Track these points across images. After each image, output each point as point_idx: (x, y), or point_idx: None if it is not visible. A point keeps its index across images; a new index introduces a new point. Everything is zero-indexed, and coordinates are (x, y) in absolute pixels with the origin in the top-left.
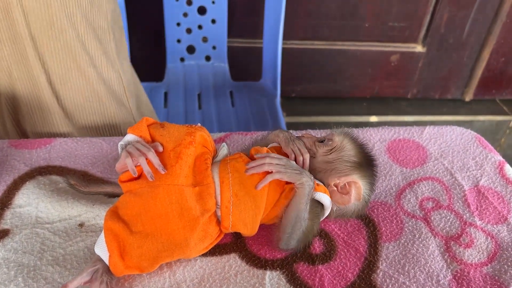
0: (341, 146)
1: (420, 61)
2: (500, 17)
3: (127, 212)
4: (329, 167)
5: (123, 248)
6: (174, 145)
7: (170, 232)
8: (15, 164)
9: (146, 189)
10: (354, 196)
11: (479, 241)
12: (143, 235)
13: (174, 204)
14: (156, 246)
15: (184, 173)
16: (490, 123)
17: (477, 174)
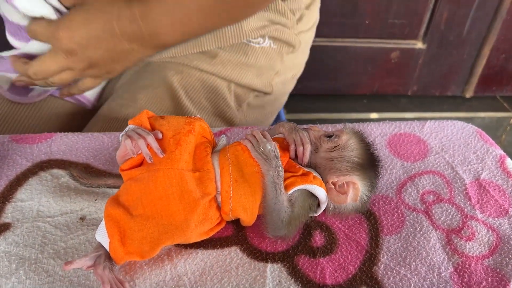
0: (346, 145)
1: (421, 58)
2: (500, 14)
3: (127, 198)
4: (330, 164)
5: (123, 234)
6: (174, 133)
7: (170, 213)
8: (17, 159)
9: (146, 174)
10: (351, 197)
11: (480, 234)
12: (143, 217)
13: (175, 186)
14: (157, 229)
15: (184, 159)
16: (490, 119)
17: (478, 168)
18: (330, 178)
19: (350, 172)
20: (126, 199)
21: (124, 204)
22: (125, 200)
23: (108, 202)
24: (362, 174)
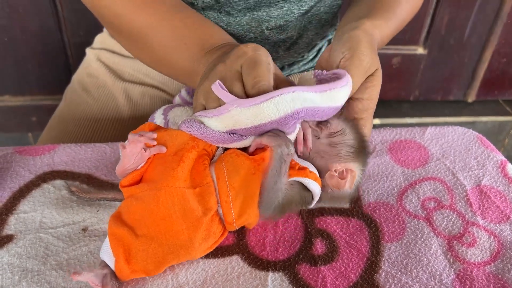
0: (344, 131)
1: (422, 63)
2: (500, 18)
3: (130, 217)
4: (333, 151)
5: (128, 253)
6: (177, 149)
7: (174, 233)
8: (20, 171)
9: (147, 192)
10: (349, 184)
11: (482, 240)
12: (148, 238)
13: (177, 205)
14: (161, 248)
15: (184, 177)
16: (493, 124)
17: (479, 174)
18: (333, 166)
19: (350, 158)
20: (128, 217)
21: (128, 223)
22: (128, 218)
23: (111, 220)
24: (358, 160)
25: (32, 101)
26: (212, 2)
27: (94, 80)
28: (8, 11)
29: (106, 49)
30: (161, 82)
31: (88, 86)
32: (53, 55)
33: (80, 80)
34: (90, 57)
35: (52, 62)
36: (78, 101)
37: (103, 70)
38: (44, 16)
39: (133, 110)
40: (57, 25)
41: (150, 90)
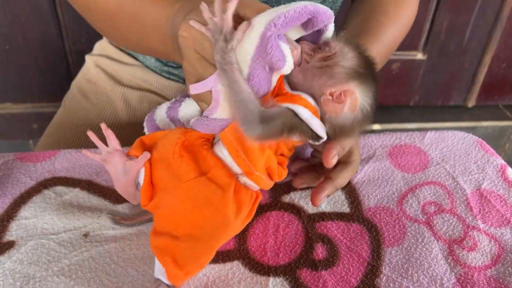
0: (341, 52)
1: (421, 69)
2: (500, 22)
3: (163, 226)
4: (325, 72)
5: (175, 258)
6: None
7: (207, 220)
8: (21, 177)
9: (167, 197)
10: (349, 106)
11: (483, 244)
12: (186, 236)
13: (197, 196)
14: (203, 238)
15: (191, 168)
16: (493, 128)
17: (479, 178)
18: (327, 89)
19: (347, 79)
20: (162, 227)
21: (163, 232)
22: (162, 228)
23: (150, 238)
24: (360, 82)
25: (33, 109)
26: None
27: (93, 86)
28: (10, 19)
29: (105, 55)
30: (158, 88)
31: (86, 92)
32: (54, 63)
33: (79, 86)
34: (89, 64)
35: (53, 70)
36: (76, 107)
37: (102, 76)
38: (46, 24)
39: (131, 115)
40: (59, 32)
41: (148, 95)
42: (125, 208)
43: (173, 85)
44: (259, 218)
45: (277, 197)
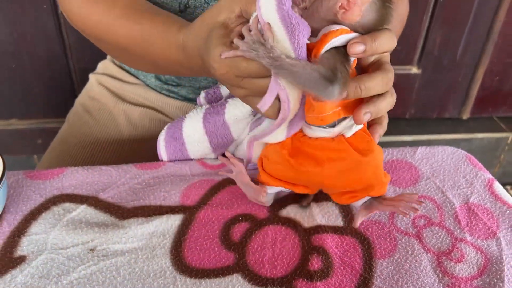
0: None
1: (417, 82)
2: (492, 37)
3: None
4: (321, 4)
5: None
6: (286, 161)
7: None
8: (31, 194)
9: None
10: (362, 3)
11: (470, 255)
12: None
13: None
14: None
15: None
16: (488, 140)
17: (468, 192)
18: (335, 7)
19: None
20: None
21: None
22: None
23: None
24: None
25: (38, 124)
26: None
27: (96, 103)
28: (16, 39)
29: (108, 74)
30: (159, 105)
31: (90, 108)
32: (59, 80)
33: (83, 103)
34: (93, 82)
35: (58, 87)
36: (80, 122)
37: (105, 93)
38: (51, 43)
39: (133, 131)
40: (63, 51)
41: (149, 112)
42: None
43: (173, 102)
44: (257, 232)
45: (275, 212)
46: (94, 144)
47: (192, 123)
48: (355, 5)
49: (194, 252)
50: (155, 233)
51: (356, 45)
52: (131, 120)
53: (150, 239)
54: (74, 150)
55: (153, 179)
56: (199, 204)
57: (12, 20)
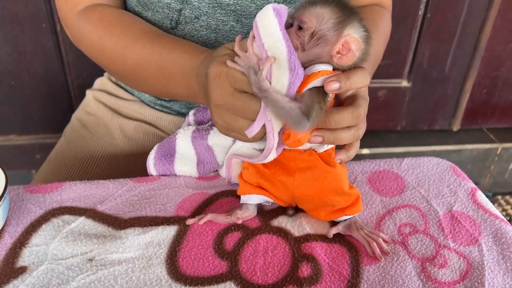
0: (317, 19)
1: (407, 95)
2: (478, 52)
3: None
4: (320, 43)
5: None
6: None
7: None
8: (31, 207)
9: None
10: (356, 48)
11: (452, 261)
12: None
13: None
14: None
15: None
16: (478, 151)
17: (451, 201)
18: (332, 50)
19: (339, 34)
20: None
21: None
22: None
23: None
24: (348, 26)
25: (36, 140)
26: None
27: (92, 117)
28: (16, 57)
29: (105, 91)
30: (153, 119)
31: (86, 123)
32: (57, 96)
33: (79, 118)
34: (89, 98)
35: (56, 103)
36: (76, 136)
37: (101, 108)
38: (50, 60)
39: (128, 144)
40: (62, 68)
41: (143, 126)
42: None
43: (166, 116)
44: (249, 241)
45: (266, 221)
46: (89, 156)
47: (184, 145)
48: (351, 52)
49: (189, 261)
50: (151, 243)
51: (332, 83)
52: (126, 133)
53: (146, 249)
54: (70, 162)
55: (148, 191)
56: (194, 215)
57: (12, 39)
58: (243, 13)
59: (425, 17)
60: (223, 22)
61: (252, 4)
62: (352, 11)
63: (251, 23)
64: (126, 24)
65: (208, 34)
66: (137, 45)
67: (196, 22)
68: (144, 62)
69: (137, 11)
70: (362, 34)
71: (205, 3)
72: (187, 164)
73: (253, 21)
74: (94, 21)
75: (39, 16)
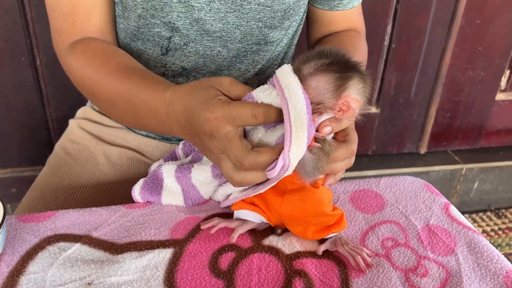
0: (317, 89)
1: (376, 121)
2: (440, 79)
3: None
4: (322, 106)
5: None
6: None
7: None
8: (25, 236)
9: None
10: (355, 105)
11: (433, 270)
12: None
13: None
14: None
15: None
16: (445, 172)
17: (427, 215)
18: (335, 110)
19: (338, 96)
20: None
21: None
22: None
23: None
24: (347, 87)
25: (12, 173)
26: (180, 70)
27: (76, 145)
28: None
29: (88, 119)
30: (137, 145)
31: (70, 150)
32: (35, 129)
33: (63, 146)
34: (73, 126)
35: (34, 136)
36: (60, 163)
37: (86, 135)
38: (29, 93)
39: (112, 170)
40: (41, 101)
41: (128, 152)
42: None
43: (150, 142)
44: (243, 261)
45: (258, 241)
46: (75, 182)
47: (170, 182)
48: (351, 109)
49: (186, 281)
50: (148, 266)
51: (325, 128)
52: (110, 159)
53: (144, 272)
54: (55, 189)
55: (141, 216)
56: (188, 237)
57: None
58: (229, 39)
59: (390, 47)
60: (210, 48)
61: (236, 30)
62: (352, 68)
63: (236, 48)
64: (105, 58)
65: (197, 59)
66: (110, 79)
67: (185, 48)
68: (117, 96)
69: (125, 42)
70: (361, 89)
71: (193, 30)
72: (175, 197)
73: (274, 77)
74: (77, 54)
75: (19, 50)
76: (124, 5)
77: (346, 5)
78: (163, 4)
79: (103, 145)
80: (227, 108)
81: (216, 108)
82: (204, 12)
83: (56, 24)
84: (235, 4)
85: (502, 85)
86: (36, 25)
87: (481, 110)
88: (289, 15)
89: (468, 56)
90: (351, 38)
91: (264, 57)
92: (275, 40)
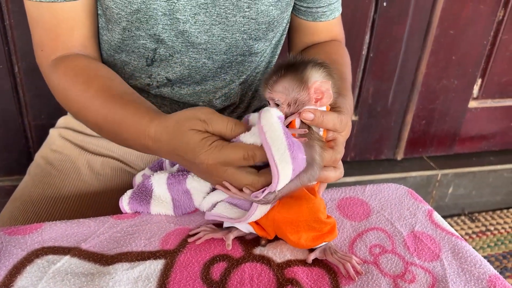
0: (285, 91)
1: (355, 128)
2: (416, 87)
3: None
4: (299, 103)
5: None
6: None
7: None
8: (11, 249)
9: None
10: (326, 88)
11: (420, 276)
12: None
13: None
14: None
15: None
16: (421, 178)
17: (412, 222)
18: (311, 103)
19: (307, 88)
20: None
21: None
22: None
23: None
24: (308, 77)
25: None
26: (165, 80)
27: (58, 155)
28: None
29: (70, 128)
30: (120, 154)
31: (52, 160)
32: (13, 138)
33: (44, 155)
34: (54, 135)
35: (11, 145)
36: (42, 174)
37: (68, 145)
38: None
39: (96, 180)
40: (19, 109)
41: (111, 162)
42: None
43: (134, 152)
44: (235, 270)
45: (249, 250)
46: (57, 193)
47: (160, 191)
48: (325, 93)
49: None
50: (140, 277)
51: (308, 112)
52: (93, 169)
53: (135, 283)
54: (37, 200)
55: (131, 227)
56: (179, 248)
57: None
58: (214, 51)
59: (368, 56)
60: (195, 59)
61: (221, 42)
62: (303, 62)
63: (221, 59)
64: (86, 80)
65: (182, 70)
66: (95, 105)
67: (171, 59)
68: (102, 122)
69: (109, 54)
70: (323, 73)
71: (178, 42)
72: (164, 206)
73: (258, 121)
74: (60, 75)
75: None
76: (108, 17)
77: (329, 16)
78: (148, 17)
79: (86, 154)
80: (220, 156)
81: (210, 155)
82: (189, 24)
83: (39, 39)
84: (220, 16)
85: (474, 93)
86: (15, 31)
87: (455, 117)
88: (273, 27)
89: (442, 65)
90: (336, 47)
91: (249, 68)
92: (259, 51)
